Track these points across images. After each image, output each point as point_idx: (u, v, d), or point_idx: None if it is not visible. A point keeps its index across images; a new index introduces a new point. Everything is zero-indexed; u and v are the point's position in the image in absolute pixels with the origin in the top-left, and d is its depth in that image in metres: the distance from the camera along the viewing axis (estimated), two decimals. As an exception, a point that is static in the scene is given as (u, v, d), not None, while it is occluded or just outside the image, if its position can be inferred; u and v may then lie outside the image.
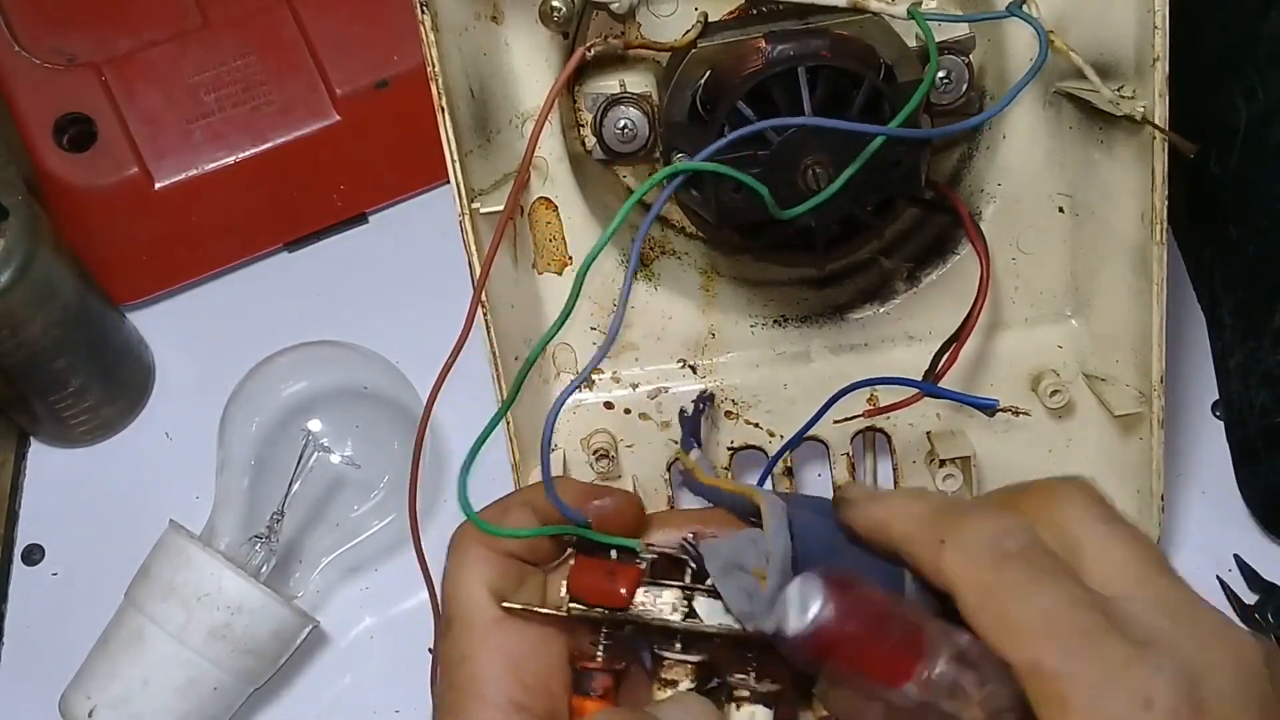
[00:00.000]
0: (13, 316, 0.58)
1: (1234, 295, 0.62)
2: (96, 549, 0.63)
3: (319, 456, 0.58)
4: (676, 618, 0.36)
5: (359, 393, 0.60)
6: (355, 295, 0.69)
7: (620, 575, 0.36)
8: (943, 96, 0.52)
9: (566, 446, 0.56)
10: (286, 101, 0.67)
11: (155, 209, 0.66)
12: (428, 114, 0.48)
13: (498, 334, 0.51)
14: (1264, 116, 0.58)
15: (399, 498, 0.59)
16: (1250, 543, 0.61)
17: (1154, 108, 0.48)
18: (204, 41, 0.67)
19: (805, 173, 0.44)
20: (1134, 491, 0.55)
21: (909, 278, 0.56)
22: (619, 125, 0.52)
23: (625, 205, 0.39)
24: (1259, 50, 0.58)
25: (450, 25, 0.48)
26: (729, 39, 0.48)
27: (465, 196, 0.49)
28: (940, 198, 0.53)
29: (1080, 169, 0.53)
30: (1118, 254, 0.52)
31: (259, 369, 0.60)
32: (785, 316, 0.57)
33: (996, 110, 0.50)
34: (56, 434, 0.66)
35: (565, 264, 0.54)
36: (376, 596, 0.62)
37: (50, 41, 0.66)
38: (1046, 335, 0.56)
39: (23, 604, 0.63)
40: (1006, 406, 0.52)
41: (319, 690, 0.60)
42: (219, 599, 0.54)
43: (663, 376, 0.56)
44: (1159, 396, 0.53)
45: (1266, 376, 0.60)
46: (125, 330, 0.67)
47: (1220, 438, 0.63)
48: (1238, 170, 0.60)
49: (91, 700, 0.54)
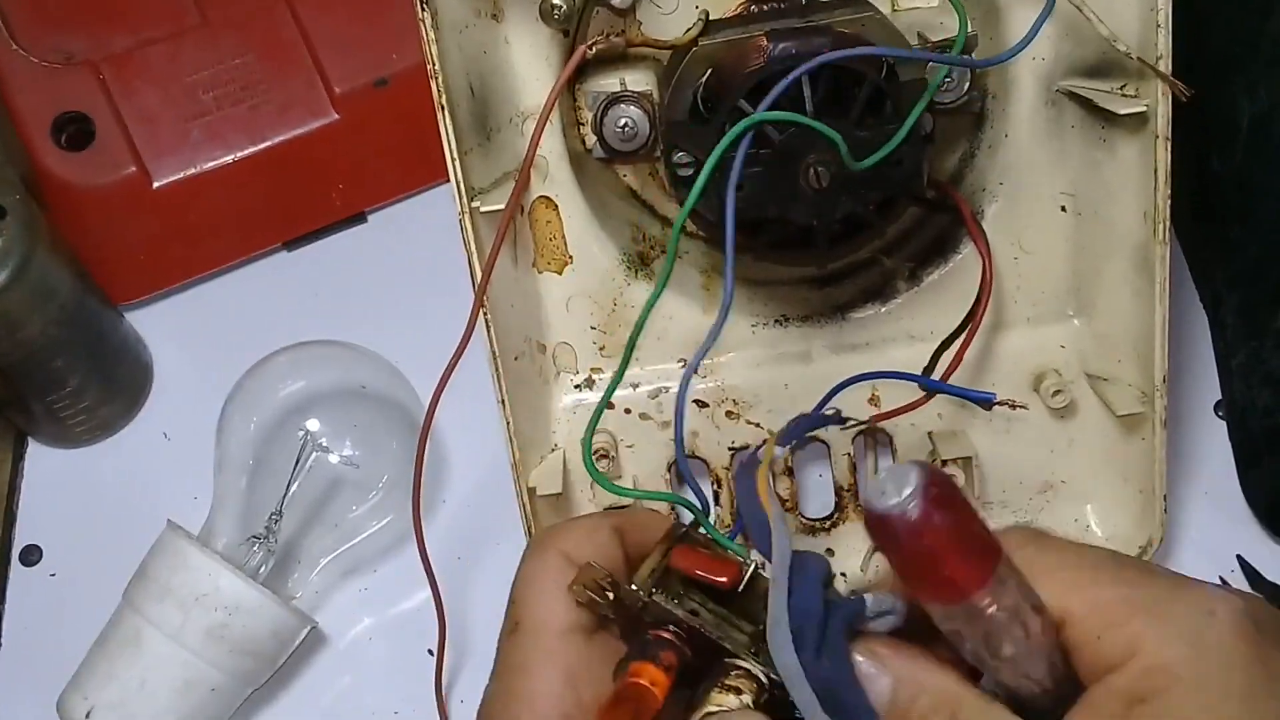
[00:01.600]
0: (10, 316, 0.58)
1: (1236, 295, 0.62)
2: (94, 550, 0.63)
3: (317, 456, 0.58)
4: (741, 639, 0.35)
5: (357, 392, 0.60)
6: (354, 295, 0.69)
7: (726, 562, 0.36)
8: (945, 95, 0.51)
9: (566, 446, 0.55)
10: (285, 100, 0.66)
11: (153, 208, 0.66)
12: (427, 113, 0.47)
13: (498, 333, 0.50)
14: (1266, 115, 0.58)
15: (397, 497, 0.59)
16: (1253, 543, 0.61)
17: (1156, 106, 0.48)
18: (202, 40, 0.67)
19: (807, 171, 0.44)
20: (1136, 492, 0.55)
21: (910, 277, 0.56)
22: (620, 124, 0.52)
23: (709, 162, 0.37)
24: (1262, 48, 0.58)
25: (450, 23, 0.47)
26: (730, 37, 0.48)
27: (465, 195, 0.49)
28: (942, 197, 0.53)
29: (1082, 168, 0.53)
30: (1120, 253, 0.52)
31: (257, 368, 0.60)
32: (786, 316, 0.57)
33: (1017, 50, 0.47)
34: (54, 434, 0.66)
35: (565, 263, 0.54)
36: (375, 597, 0.62)
37: (48, 40, 0.66)
38: (1049, 335, 0.56)
39: (20, 605, 0.63)
40: (1004, 400, 0.52)
41: (318, 691, 0.60)
42: (216, 599, 0.53)
43: (663, 376, 0.56)
44: (1161, 396, 0.52)
45: (1269, 377, 0.60)
46: (123, 330, 0.67)
47: (1223, 438, 0.63)
48: (1240, 169, 0.60)
49: (89, 701, 0.54)
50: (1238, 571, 0.60)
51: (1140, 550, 0.56)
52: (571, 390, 0.56)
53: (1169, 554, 0.59)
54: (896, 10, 0.51)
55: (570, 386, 0.56)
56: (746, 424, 0.56)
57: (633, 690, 0.34)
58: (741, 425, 0.56)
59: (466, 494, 0.64)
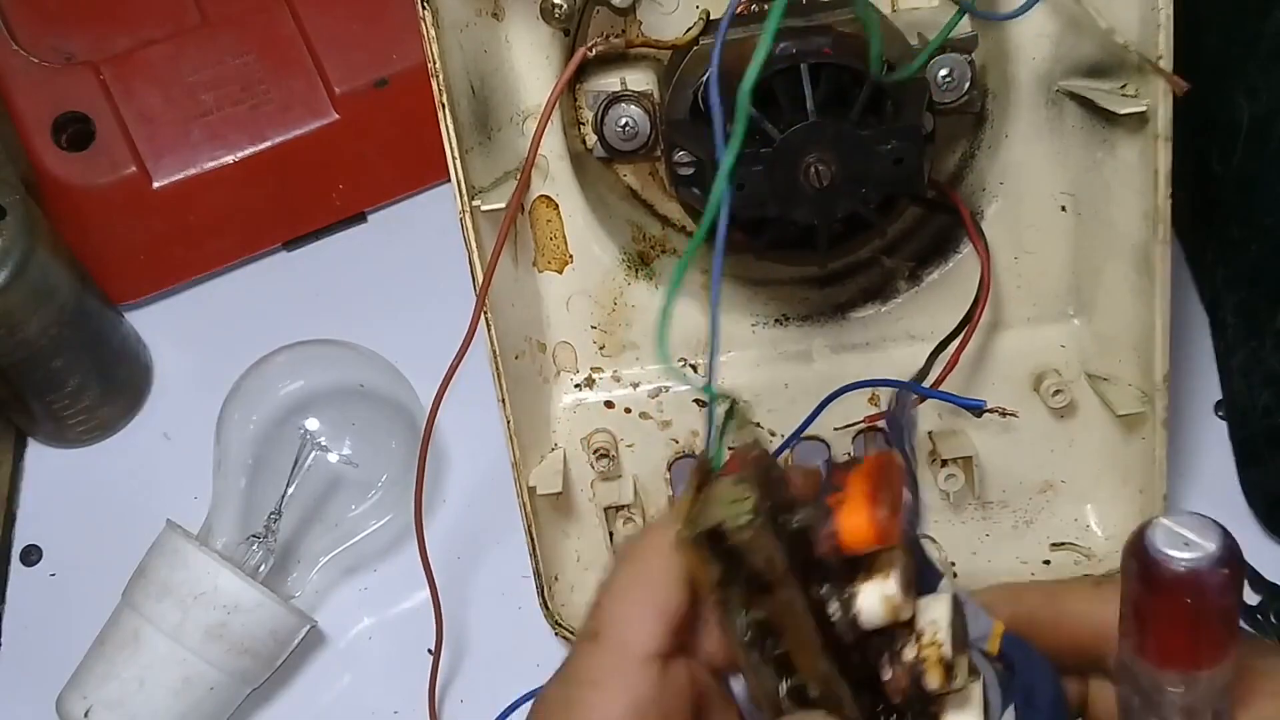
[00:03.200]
0: (10, 316, 0.58)
1: (1236, 295, 0.62)
2: (94, 550, 0.63)
3: (316, 455, 0.58)
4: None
5: (356, 391, 0.60)
6: (354, 295, 0.69)
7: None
8: (945, 95, 0.51)
9: (567, 446, 0.55)
10: (285, 100, 0.67)
11: (153, 208, 0.66)
12: (427, 113, 0.47)
13: (498, 332, 0.50)
14: (1266, 115, 0.58)
15: (397, 496, 0.59)
16: (1252, 543, 0.61)
17: (1157, 106, 0.48)
18: (202, 40, 0.67)
19: (808, 170, 0.44)
20: (1136, 491, 0.55)
21: (911, 276, 0.56)
22: (620, 123, 0.52)
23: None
24: (1261, 48, 0.58)
25: (451, 22, 0.47)
26: (731, 36, 0.48)
27: (466, 194, 0.49)
28: (942, 197, 0.53)
29: (1083, 168, 0.53)
30: (1120, 253, 0.52)
31: (256, 367, 0.60)
32: (786, 315, 0.57)
33: (1019, 12, 0.47)
34: (54, 434, 0.66)
35: (566, 262, 0.54)
36: (375, 596, 0.62)
37: (48, 40, 0.66)
38: (1049, 335, 0.56)
39: (20, 604, 0.63)
40: (994, 407, 0.52)
41: (317, 691, 0.60)
42: (215, 598, 0.53)
43: (663, 376, 0.56)
44: (1162, 396, 0.52)
45: (1269, 376, 0.60)
46: (123, 330, 0.67)
47: (1223, 438, 0.63)
48: (1240, 169, 0.60)
49: (88, 700, 0.54)
50: (1237, 572, 0.60)
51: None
52: (571, 390, 0.56)
53: (1169, 554, 0.59)
54: (896, 10, 0.51)
55: (570, 386, 0.56)
56: (747, 423, 0.56)
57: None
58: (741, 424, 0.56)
59: (466, 494, 0.64)
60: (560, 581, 0.56)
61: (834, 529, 0.33)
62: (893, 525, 0.33)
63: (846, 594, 0.33)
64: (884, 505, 0.33)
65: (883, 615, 0.33)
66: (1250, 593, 0.60)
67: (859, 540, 0.33)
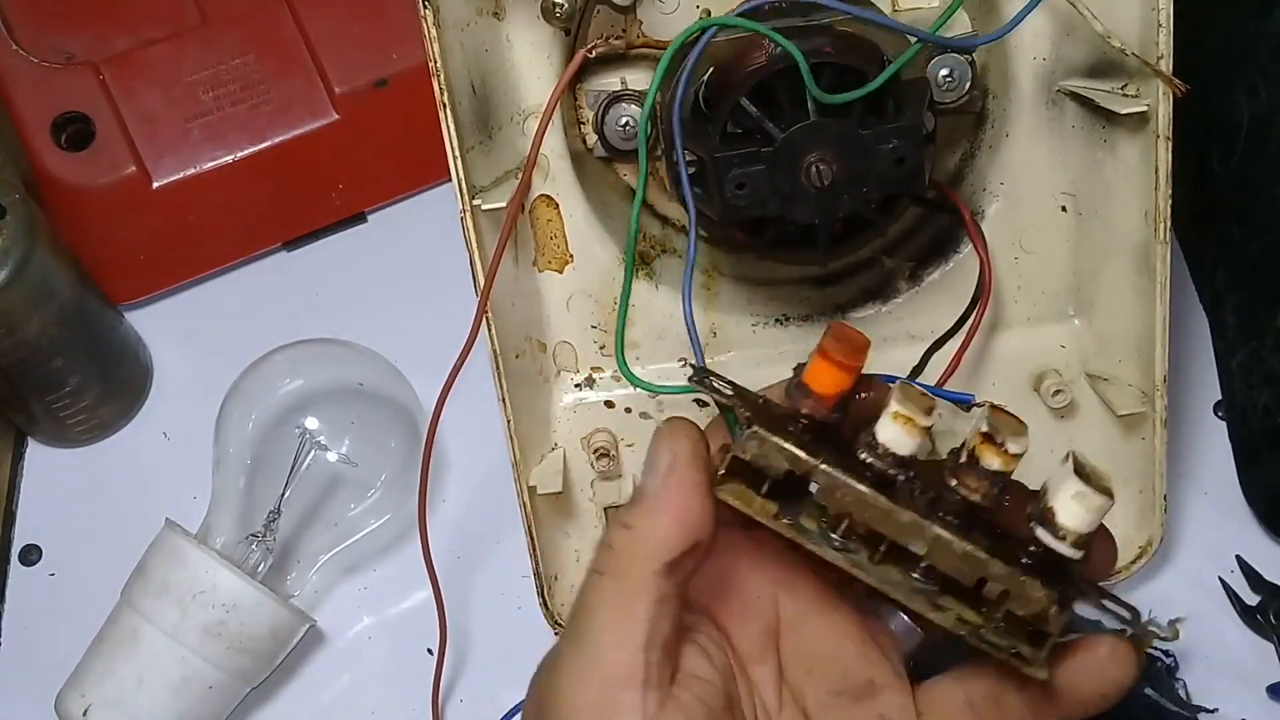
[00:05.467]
0: (10, 316, 0.58)
1: (1236, 294, 0.62)
2: (94, 549, 0.63)
3: (315, 454, 0.58)
4: None
5: (355, 390, 0.60)
6: (354, 295, 0.69)
7: None
8: (946, 95, 0.51)
9: (567, 445, 0.55)
10: (285, 100, 0.67)
11: (153, 208, 0.66)
12: (427, 113, 0.47)
13: (498, 332, 0.50)
14: (1266, 115, 0.58)
15: (396, 496, 0.59)
16: (1253, 543, 0.61)
17: (1157, 106, 0.48)
18: (202, 40, 0.67)
19: (809, 169, 0.44)
20: (1136, 491, 0.55)
21: (911, 276, 0.56)
22: (621, 122, 0.52)
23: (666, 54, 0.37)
24: (1261, 49, 0.58)
25: (452, 21, 0.47)
26: (732, 36, 0.48)
27: (467, 193, 0.49)
28: (942, 197, 0.53)
29: (1083, 168, 0.53)
30: (1120, 253, 0.52)
31: (255, 367, 0.60)
32: (787, 315, 0.57)
33: (1005, 32, 0.47)
34: (54, 434, 0.66)
35: (566, 261, 0.54)
36: (374, 596, 0.62)
37: (48, 40, 0.66)
38: (1049, 334, 0.56)
39: (20, 604, 0.63)
40: (981, 402, 0.52)
41: (316, 690, 0.60)
42: (213, 596, 0.53)
43: (664, 376, 0.56)
44: (1162, 396, 0.52)
45: (1269, 376, 0.60)
46: (123, 330, 0.67)
47: (1223, 438, 0.63)
48: (1240, 169, 0.60)
49: (86, 699, 0.54)
50: (1237, 572, 0.60)
51: (1140, 550, 0.56)
52: (572, 389, 0.56)
53: (1169, 554, 0.59)
54: (897, 10, 0.51)
55: (570, 385, 0.56)
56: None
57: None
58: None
59: (466, 493, 0.64)
60: (560, 581, 0.56)
61: (805, 386, 0.36)
62: (850, 357, 0.35)
63: (871, 439, 0.35)
64: (833, 349, 0.36)
65: (902, 432, 0.34)
66: (1250, 593, 0.60)
67: (823, 380, 0.35)
